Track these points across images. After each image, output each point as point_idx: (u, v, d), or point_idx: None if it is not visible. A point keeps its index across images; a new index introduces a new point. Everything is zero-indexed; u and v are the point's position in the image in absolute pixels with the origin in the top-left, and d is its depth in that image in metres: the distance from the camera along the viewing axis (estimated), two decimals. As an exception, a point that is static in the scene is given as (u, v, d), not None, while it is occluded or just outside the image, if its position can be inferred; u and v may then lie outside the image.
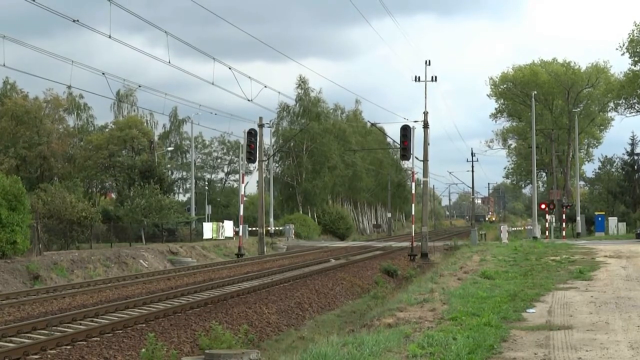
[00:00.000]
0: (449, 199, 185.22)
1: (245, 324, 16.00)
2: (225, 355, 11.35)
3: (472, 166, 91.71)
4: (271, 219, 61.42)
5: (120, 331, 14.77)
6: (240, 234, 43.19)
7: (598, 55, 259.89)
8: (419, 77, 45.04)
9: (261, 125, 43.67)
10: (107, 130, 67.66)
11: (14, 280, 24.88)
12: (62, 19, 22.92)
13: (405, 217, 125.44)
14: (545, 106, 72.34)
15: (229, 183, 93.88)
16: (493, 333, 10.71)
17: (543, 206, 54.01)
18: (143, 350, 12.57)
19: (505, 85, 74.90)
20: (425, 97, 43.91)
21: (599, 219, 57.38)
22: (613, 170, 75.96)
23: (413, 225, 42.76)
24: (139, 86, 38.66)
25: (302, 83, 76.82)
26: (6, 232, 26.78)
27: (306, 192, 74.25)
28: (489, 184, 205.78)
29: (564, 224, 55.09)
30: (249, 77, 36.04)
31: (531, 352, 9.52)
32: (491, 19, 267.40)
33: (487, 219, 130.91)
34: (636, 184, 64.97)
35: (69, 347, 13.20)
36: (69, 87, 58.44)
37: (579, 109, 68.87)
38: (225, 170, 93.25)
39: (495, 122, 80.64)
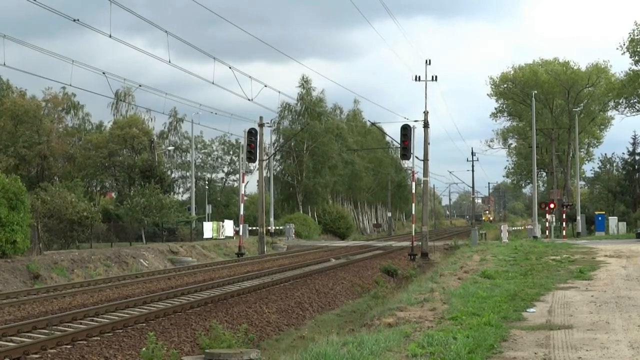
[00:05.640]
0: (449, 199, 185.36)
1: (246, 323, 15.99)
2: (225, 354, 11.37)
3: (472, 166, 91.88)
4: (271, 219, 61.40)
5: (121, 330, 14.76)
6: (241, 233, 43.18)
7: (598, 55, 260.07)
8: (419, 77, 45.14)
9: (261, 125, 43.63)
10: (104, 128, 67.77)
11: (14, 279, 24.88)
12: (64, 20, 22.95)
13: (405, 217, 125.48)
14: (546, 106, 72.31)
15: (229, 183, 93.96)
16: (493, 333, 10.71)
17: (543, 206, 54.02)
18: (143, 349, 12.56)
19: (505, 85, 74.86)
20: (426, 97, 44.01)
21: (599, 218, 57.37)
22: (613, 169, 75.95)
23: (413, 225, 42.75)
24: (139, 85, 38.69)
25: (304, 82, 76.97)
26: (6, 232, 26.76)
27: (307, 191, 74.28)
28: (489, 183, 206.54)
29: (564, 223, 55.08)
30: (249, 77, 36.08)
31: (531, 352, 9.52)
32: (490, 20, 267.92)
33: (482, 218, 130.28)
34: (636, 183, 64.95)
35: (69, 346, 13.19)
36: (64, 87, 58.71)
37: (579, 109, 68.82)
38: (225, 170, 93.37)
39: (496, 121, 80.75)
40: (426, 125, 43.08)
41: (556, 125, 73.27)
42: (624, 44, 59.97)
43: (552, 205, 53.95)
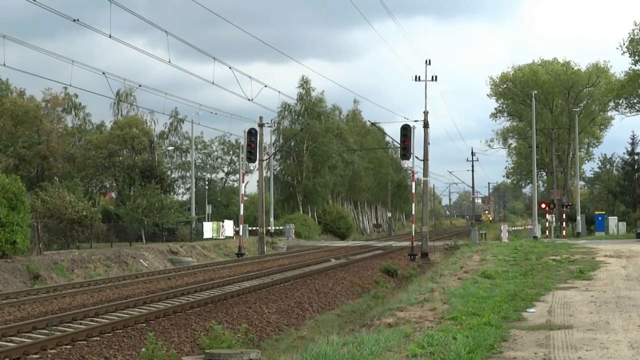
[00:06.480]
0: (449, 199, 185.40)
1: (245, 323, 15.98)
2: (225, 354, 11.35)
3: (472, 166, 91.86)
4: (271, 219, 61.40)
5: (121, 331, 14.77)
6: (241, 233, 43.19)
7: (598, 55, 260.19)
8: (419, 77, 45.12)
9: (261, 125, 43.63)
10: (104, 128, 67.74)
11: (14, 279, 24.88)
12: (64, 20, 22.96)
13: (405, 217, 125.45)
14: (546, 106, 72.31)
15: (229, 183, 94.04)
16: (493, 333, 10.71)
17: (543, 205, 53.99)
18: (143, 349, 12.56)
19: (505, 85, 74.86)
20: (426, 97, 44.00)
21: (599, 218, 57.35)
22: (613, 169, 75.97)
23: (413, 225, 42.75)
24: (139, 85, 38.65)
25: (304, 83, 77.06)
26: (6, 232, 26.75)
27: (307, 191, 74.30)
28: (489, 183, 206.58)
29: (564, 223, 55.07)
30: (249, 77, 36.07)
31: (531, 352, 9.51)
32: (490, 20, 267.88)
33: (482, 218, 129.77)
34: (636, 183, 64.95)
35: (69, 346, 13.19)
36: (65, 87, 58.74)
37: (579, 109, 68.82)
38: (225, 170, 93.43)
39: (495, 121, 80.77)
40: (426, 125, 43.08)
41: (556, 125, 73.27)
42: (624, 44, 59.96)
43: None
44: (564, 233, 53.38)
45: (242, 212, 43.60)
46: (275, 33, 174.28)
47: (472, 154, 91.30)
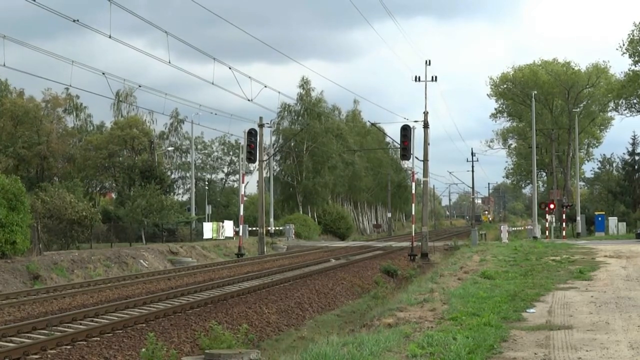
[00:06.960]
0: (449, 199, 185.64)
1: (245, 323, 15.97)
2: (225, 355, 11.34)
3: (472, 166, 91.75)
4: (271, 219, 61.42)
5: (121, 331, 14.77)
6: (241, 234, 43.20)
7: (598, 55, 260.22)
8: (419, 77, 45.13)
9: (261, 125, 43.64)
10: (104, 128, 67.78)
11: (14, 280, 24.88)
12: (64, 21, 22.95)
13: (405, 217, 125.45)
14: (546, 106, 72.35)
15: (229, 183, 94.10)
16: (493, 333, 10.71)
17: (552, 206, 53.94)
18: (143, 350, 12.56)
19: (505, 85, 74.90)
20: (426, 97, 44.01)
21: (599, 219, 57.33)
22: (613, 170, 76.01)
23: (413, 225, 42.75)
24: (139, 86, 38.59)
25: (304, 83, 77.12)
26: (6, 232, 26.76)
27: (306, 192, 74.33)
28: (489, 183, 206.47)
29: (564, 224, 55.07)
30: (249, 77, 36.05)
31: (531, 352, 9.52)
32: (490, 20, 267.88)
33: (482, 218, 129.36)
34: (636, 183, 64.96)
35: (69, 347, 13.20)
36: (67, 88, 58.76)
37: (579, 109, 68.84)
38: (225, 170, 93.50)
39: (495, 122, 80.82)
40: (426, 125, 43.09)
41: (556, 126, 73.30)
42: (624, 45, 59.95)
43: (552, 206, 53.97)
44: (563, 233, 53.38)
45: (242, 213, 43.61)
46: (275, 33, 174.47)
47: (472, 154, 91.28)
